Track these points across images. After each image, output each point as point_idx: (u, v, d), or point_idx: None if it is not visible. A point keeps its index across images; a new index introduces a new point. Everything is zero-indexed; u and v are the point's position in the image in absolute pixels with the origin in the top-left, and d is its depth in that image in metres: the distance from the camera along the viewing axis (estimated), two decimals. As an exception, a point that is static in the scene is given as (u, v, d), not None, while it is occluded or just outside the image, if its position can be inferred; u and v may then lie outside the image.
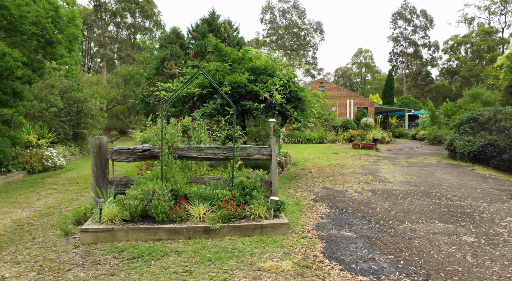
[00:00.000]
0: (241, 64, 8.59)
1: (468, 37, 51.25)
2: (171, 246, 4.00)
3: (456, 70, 52.67)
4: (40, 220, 5.18)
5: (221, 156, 5.15)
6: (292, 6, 63.90)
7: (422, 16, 56.79)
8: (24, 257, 3.74)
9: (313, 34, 63.61)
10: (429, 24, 56.91)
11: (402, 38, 57.99)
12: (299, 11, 63.37)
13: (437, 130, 25.01)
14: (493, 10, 50.31)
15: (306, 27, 63.73)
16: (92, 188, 4.90)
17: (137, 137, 10.27)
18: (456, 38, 52.31)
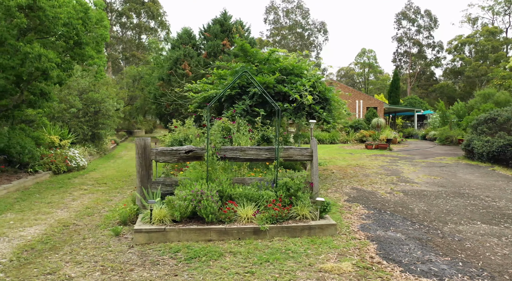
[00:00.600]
0: (267, 65, 8.61)
1: (472, 37, 51.01)
2: (224, 247, 4.03)
3: (461, 70, 52.43)
4: (83, 221, 5.22)
5: (263, 157, 5.18)
6: (296, 6, 63.80)
7: (426, 16, 56.60)
8: (82, 257, 3.78)
9: (316, 34, 63.48)
10: (433, 24, 56.73)
11: (406, 38, 57.83)
12: (302, 11, 63.28)
13: (448, 130, 24.91)
14: (497, 10, 50.08)
15: (310, 27, 63.61)
16: (137, 188, 4.94)
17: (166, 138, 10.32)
18: (460, 38, 52.09)
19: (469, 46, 52.23)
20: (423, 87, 56.76)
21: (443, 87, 52.19)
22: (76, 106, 12.78)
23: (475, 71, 47.80)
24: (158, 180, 5.04)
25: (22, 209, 5.82)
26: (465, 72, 50.17)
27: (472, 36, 50.84)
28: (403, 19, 57.22)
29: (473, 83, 49.22)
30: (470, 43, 51.13)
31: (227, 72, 8.59)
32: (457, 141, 22.32)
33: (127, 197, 6.79)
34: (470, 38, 50.82)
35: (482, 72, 46.85)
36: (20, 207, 5.97)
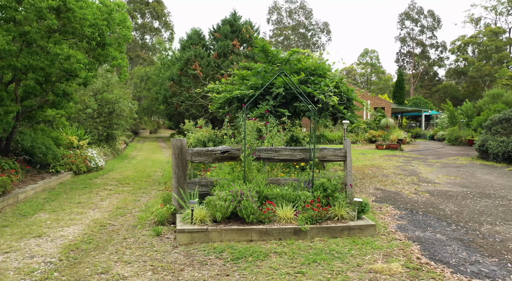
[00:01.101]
0: (287, 65, 8.63)
1: (476, 37, 50.84)
2: (267, 247, 4.05)
3: (464, 71, 52.27)
4: (117, 221, 5.26)
5: (297, 157, 5.19)
6: (299, 6, 63.75)
7: (430, 16, 56.48)
8: (129, 257, 3.81)
9: (320, 34, 63.42)
10: (437, 24, 56.63)
11: (410, 38, 57.72)
12: (306, 12, 63.23)
13: (458, 130, 24.83)
14: (500, 10, 49.94)
15: (313, 28, 63.56)
16: (174, 189, 4.96)
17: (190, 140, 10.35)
18: (463, 38, 51.94)
19: (472, 46, 52.07)
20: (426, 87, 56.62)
21: (447, 87, 52.03)
22: (92, 106, 12.86)
23: (479, 71, 47.65)
24: (193, 181, 5.07)
25: (54, 209, 5.87)
26: (468, 72, 50.02)
27: (475, 36, 50.70)
28: (406, 19, 57.13)
29: (477, 83, 49.04)
30: (473, 44, 50.95)
31: (249, 72, 8.61)
32: (467, 142, 22.25)
33: (155, 198, 6.83)
34: (473, 38, 50.67)
35: (485, 72, 46.70)
36: (51, 207, 6.01)
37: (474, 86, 49.36)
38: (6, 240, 4.30)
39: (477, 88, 48.62)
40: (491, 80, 45.87)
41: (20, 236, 4.44)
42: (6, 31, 6.10)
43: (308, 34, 62.23)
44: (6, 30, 6.10)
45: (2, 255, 3.86)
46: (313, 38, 62.58)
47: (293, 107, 7.83)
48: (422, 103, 43.12)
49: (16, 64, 6.13)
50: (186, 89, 20.05)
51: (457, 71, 54.23)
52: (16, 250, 3.99)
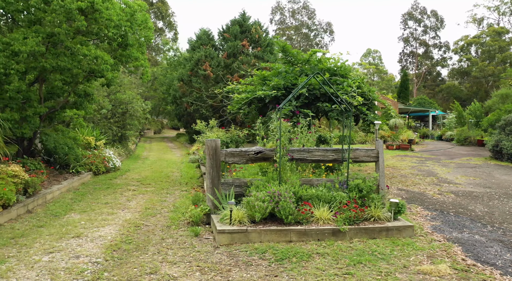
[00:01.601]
0: (307, 65, 8.63)
1: (479, 37, 50.68)
2: (308, 248, 4.05)
3: (467, 71, 52.10)
4: (150, 221, 5.27)
5: (330, 158, 5.20)
6: (302, 6, 63.71)
7: (433, 16, 56.38)
8: (173, 257, 3.82)
9: (322, 34, 63.36)
10: (440, 24, 56.55)
11: (413, 39, 57.62)
12: (308, 12, 63.18)
13: (467, 130, 24.74)
14: (503, 10, 49.78)
15: (316, 28, 63.51)
16: (208, 189, 4.98)
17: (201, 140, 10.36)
18: (466, 38, 51.78)
19: (476, 47, 51.90)
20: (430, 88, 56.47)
21: (450, 87, 51.86)
22: (106, 107, 12.91)
23: (482, 72, 47.48)
24: (227, 181, 5.08)
25: (83, 209, 5.89)
26: (472, 72, 49.86)
27: (479, 37, 50.54)
28: (409, 20, 57.08)
29: (480, 84, 48.85)
30: (476, 44, 50.79)
31: (270, 73, 8.62)
32: (476, 142, 22.16)
33: (181, 198, 6.85)
34: (477, 39, 50.50)
35: (489, 73, 46.55)
36: (80, 207, 6.04)
37: (477, 86, 49.19)
38: (46, 240, 4.32)
39: (480, 88, 48.46)
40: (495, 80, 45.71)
41: (59, 236, 4.47)
42: (35, 32, 6.13)
43: (311, 34, 62.17)
44: (34, 31, 6.14)
45: (47, 255, 3.89)
46: (316, 38, 62.52)
47: (315, 108, 7.83)
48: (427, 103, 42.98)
49: (45, 65, 6.16)
50: (196, 89, 20.07)
51: (460, 71, 54.09)
52: (59, 250, 4.01)
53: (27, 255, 3.86)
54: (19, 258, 3.79)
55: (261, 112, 8.91)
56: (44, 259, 3.76)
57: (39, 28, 6.19)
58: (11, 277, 3.35)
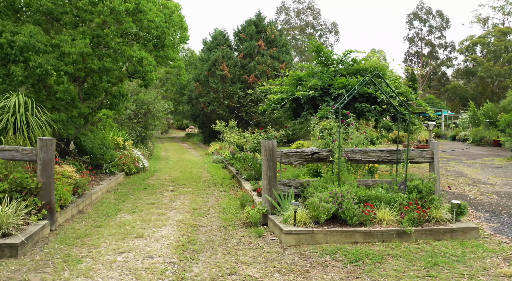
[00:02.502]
0: (342, 66, 8.62)
1: (484, 37, 50.34)
2: (376, 249, 4.04)
3: (473, 71, 51.77)
4: (202, 222, 5.29)
5: (384, 159, 5.19)
6: (307, 6, 63.66)
7: (438, 16, 56.15)
8: (246, 258, 3.83)
9: (328, 35, 63.22)
10: (445, 24, 56.34)
11: (418, 38, 57.41)
12: (313, 12, 63.09)
13: (482, 131, 24.58)
14: (508, 10, 49.44)
15: (321, 28, 63.44)
16: (264, 190, 4.98)
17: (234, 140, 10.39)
18: (471, 38, 51.47)
19: (481, 47, 51.57)
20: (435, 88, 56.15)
21: (455, 87, 51.54)
22: (130, 107, 12.98)
23: (488, 72, 47.17)
24: (283, 182, 5.08)
25: (131, 210, 5.92)
26: (477, 72, 49.55)
27: (484, 37, 50.21)
28: (414, 20, 56.92)
29: (486, 84, 48.51)
30: (482, 44, 50.45)
31: (303, 74, 8.62)
32: (492, 142, 22.02)
33: (223, 198, 6.86)
34: (482, 38, 50.17)
35: (495, 73, 46.25)
36: (127, 208, 6.07)
37: (483, 86, 48.85)
38: (111, 240, 4.35)
39: (486, 88, 48.12)
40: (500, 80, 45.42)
41: (122, 237, 4.50)
42: (82, 33, 6.17)
43: (316, 34, 62.02)
44: (82, 33, 6.18)
45: (119, 255, 3.91)
46: (321, 38, 62.43)
47: (353, 108, 7.81)
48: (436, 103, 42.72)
49: (92, 66, 6.21)
50: (212, 89, 20.12)
51: (465, 71, 53.81)
52: (129, 250, 4.03)
53: (100, 255, 3.89)
54: (93, 258, 3.82)
55: (295, 113, 8.90)
56: (119, 259, 3.78)
57: (86, 30, 6.23)
58: (96, 276, 3.37)
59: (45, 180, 4.51)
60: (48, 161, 4.55)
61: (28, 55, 5.75)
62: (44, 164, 4.53)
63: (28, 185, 4.42)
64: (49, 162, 4.56)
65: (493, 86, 47.69)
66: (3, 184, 4.34)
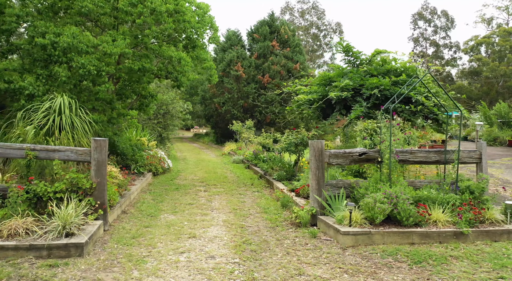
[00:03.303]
0: (371, 66, 8.59)
1: (489, 37, 50.00)
2: (436, 250, 4.02)
3: (478, 71, 51.45)
4: (247, 222, 5.29)
5: (432, 159, 5.16)
6: (311, 7, 63.56)
7: (443, 16, 55.94)
8: (308, 259, 3.83)
9: (332, 35, 63.11)
10: (450, 24, 56.16)
11: (423, 39, 57.23)
12: (318, 12, 63.00)
13: (496, 131, 24.42)
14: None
15: (326, 28, 63.34)
16: (313, 191, 4.97)
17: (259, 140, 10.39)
18: (476, 38, 51.17)
19: (486, 47, 51.24)
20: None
21: (461, 87, 51.18)
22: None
23: (494, 72, 46.84)
24: (331, 182, 5.08)
25: (173, 210, 5.94)
26: (482, 72, 49.21)
27: (489, 37, 49.90)
28: (419, 20, 56.78)
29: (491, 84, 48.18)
30: (487, 44, 50.13)
31: (334, 74, 8.60)
32: (507, 142, 21.88)
33: (259, 199, 6.86)
34: (487, 38, 49.86)
35: (501, 73, 45.93)
36: (167, 208, 6.09)
37: (488, 86, 48.51)
38: (165, 241, 4.36)
39: (491, 88, 47.78)
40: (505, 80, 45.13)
41: (175, 237, 4.51)
42: (122, 34, 6.21)
43: (321, 34, 61.95)
44: (122, 34, 6.22)
45: (179, 255, 3.92)
46: (325, 38, 62.38)
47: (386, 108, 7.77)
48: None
49: (132, 66, 6.24)
50: (226, 89, 20.14)
51: (470, 71, 53.53)
52: (188, 250, 4.05)
53: (161, 255, 3.90)
54: (156, 257, 3.83)
55: (324, 113, 8.89)
56: (182, 259, 3.80)
57: (125, 31, 6.26)
58: (165, 276, 3.38)
59: (99, 181, 4.54)
60: (102, 162, 4.58)
61: (71, 56, 5.79)
62: (98, 165, 4.56)
63: (84, 185, 4.45)
64: (103, 162, 4.59)
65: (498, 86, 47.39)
66: (60, 184, 4.37)
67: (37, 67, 5.94)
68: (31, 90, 5.63)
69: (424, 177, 6.26)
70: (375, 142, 5.42)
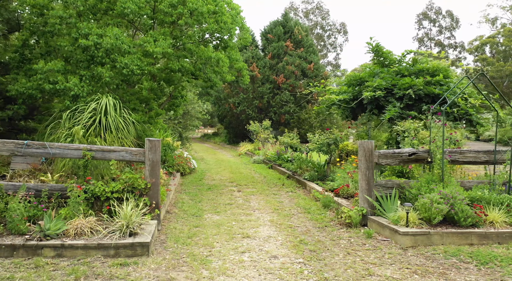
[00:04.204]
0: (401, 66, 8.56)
1: (494, 37, 49.64)
2: (499, 251, 3.98)
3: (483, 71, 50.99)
4: (293, 222, 5.29)
5: (481, 159, 5.14)
6: (316, 7, 63.49)
7: (448, 16, 55.71)
8: (372, 259, 3.82)
9: (336, 35, 62.99)
10: (455, 24, 55.91)
11: (428, 39, 56.98)
12: (322, 12, 62.90)
13: (510, 131, 24.25)
14: None
15: (330, 28, 63.23)
16: (363, 191, 4.97)
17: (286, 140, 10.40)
18: (481, 38, 50.86)
19: (491, 47, 50.91)
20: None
21: None
22: (171, 108, 13.08)
23: (499, 72, 46.50)
24: (380, 183, 5.07)
25: (214, 210, 5.97)
26: (488, 72, 48.85)
27: (494, 36, 49.58)
28: (424, 20, 56.61)
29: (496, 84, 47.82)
30: (492, 44, 49.82)
31: (365, 73, 8.59)
32: (524, 142, 21.72)
33: (297, 199, 6.85)
34: (492, 38, 49.54)
35: (506, 73, 45.61)
36: (208, 208, 6.11)
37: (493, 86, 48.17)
38: (220, 240, 4.38)
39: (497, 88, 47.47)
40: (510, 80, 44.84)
41: (229, 237, 4.53)
42: (162, 34, 6.25)
43: (325, 35, 61.85)
44: (162, 34, 6.26)
45: (241, 254, 3.94)
46: (329, 38, 62.29)
47: (417, 109, 7.75)
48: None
49: (172, 66, 6.28)
50: (242, 90, 20.17)
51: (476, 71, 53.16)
52: (248, 250, 4.06)
53: (222, 255, 3.92)
54: (218, 257, 3.85)
55: (353, 113, 8.88)
56: (245, 259, 3.81)
57: (166, 31, 6.30)
58: (236, 275, 3.40)
59: (154, 181, 4.57)
60: (157, 162, 4.61)
61: (114, 56, 5.84)
62: (153, 165, 4.59)
63: (139, 185, 4.48)
64: (157, 163, 4.62)
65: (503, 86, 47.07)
66: (117, 184, 4.41)
67: (80, 68, 5.99)
68: (76, 91, 5.68)
69: (471, 178, 6.23)
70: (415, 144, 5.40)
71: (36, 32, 6.45)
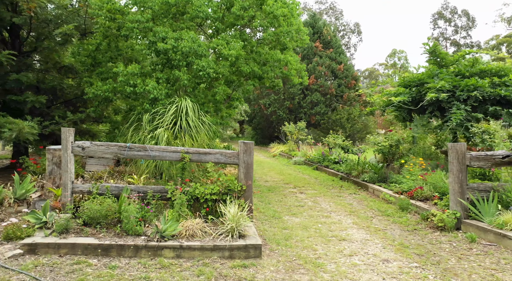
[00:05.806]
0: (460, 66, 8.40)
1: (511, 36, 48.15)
2: None
3: None
4: (375, 224, 5.23)
5: None
6: (329, 7, 63.09)
7: (464, 15, 54.46)
8: (491, 265, 3.73)
9: (350, 35, 62.44)
10: (471, 23, 54.61)
11: (443, 38, 55.83)
12: (336, 13, 62.42)
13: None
14: None
15: (344, 28, 62.72)
16: (456, 193, 4.87)
17: (338, 142, 10.32)
18: (497, 37, 49.49)
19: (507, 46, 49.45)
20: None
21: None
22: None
23: None
24: (471, 186, 4.96)
25: (289, 212, 5.96)
26: None
27: (510, 36, 48.16)
28: (439, 19, 55.57)
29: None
30: (509, 43, 48.45)
31: (424, 74, 8.45)
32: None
33: (365, 201, 6.77)
34: (509, 38, 48.15)
35: None
36: (281, 210, 6.11)
37: None
38: (319, 243, 4.37)
39: None
40: None
41: (324, 239, 4.52)
42: (234, 37, 6.30)
43: (339, 35, 61.29)
44: (234, 37, 6.31)
45: (349, 257, 3.92)
46: (343, 39, 61.78)
47: (483, 110, 7.57)
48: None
49: (243, 69, 6.32)
50: (272, 91, 20.19)
51: None
52: (354, 253, 4.04)
53: (331, 258, 3.90)
54: (329, 260, 3.84)
55: (410, 116, 8.75)
56: (358, 262, 3.79)
57: (237, 34, 6.35)
58: (359, 279, 3.37)
59: (250, 183, 4.60)
60: (251, 164, 4.64)
61: (191, 59, 5.91)
62: (247, 167, 4.62)
63: (235, 187, 4.51)
64: (251, 165, 4.65)
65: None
66: (215, 186, 4.46)
67: (157, 71, 6.09)
68: (155, 94, 5.78)
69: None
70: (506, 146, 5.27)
71: (109, 36, 6.61)
